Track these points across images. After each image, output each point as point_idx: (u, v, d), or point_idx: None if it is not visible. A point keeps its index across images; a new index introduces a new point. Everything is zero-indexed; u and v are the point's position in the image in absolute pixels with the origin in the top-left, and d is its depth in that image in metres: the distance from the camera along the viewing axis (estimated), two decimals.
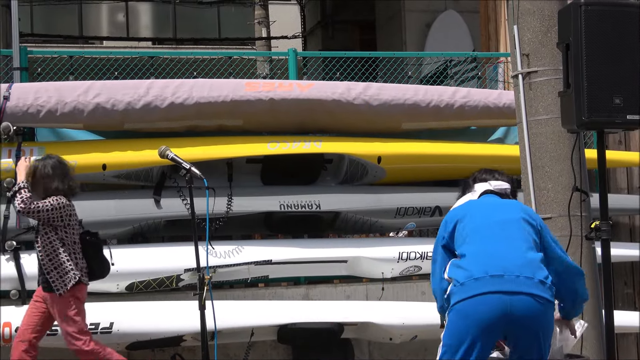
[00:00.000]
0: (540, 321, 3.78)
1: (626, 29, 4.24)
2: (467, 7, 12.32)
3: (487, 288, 3.73)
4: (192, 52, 10.27)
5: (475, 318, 3.72)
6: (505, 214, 4.00)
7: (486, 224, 3.93)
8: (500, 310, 3.71)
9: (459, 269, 3.82)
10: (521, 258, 3.85)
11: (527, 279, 3.77)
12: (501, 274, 3.75)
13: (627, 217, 7.33)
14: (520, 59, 4.97)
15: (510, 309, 3.71)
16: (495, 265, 3.78)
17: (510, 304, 3.72)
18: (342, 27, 16.78)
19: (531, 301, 3.75)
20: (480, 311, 3.71)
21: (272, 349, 6.30)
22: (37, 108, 5.71)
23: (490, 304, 3.71)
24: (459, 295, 3.76)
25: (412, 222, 6.45)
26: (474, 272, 3.77)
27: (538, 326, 3.77)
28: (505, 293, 3.73)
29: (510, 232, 3.92)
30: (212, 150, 5.97)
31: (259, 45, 16.37)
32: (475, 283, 3.74)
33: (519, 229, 3.93)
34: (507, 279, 3.75)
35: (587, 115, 4.18)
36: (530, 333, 3.76)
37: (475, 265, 3.79)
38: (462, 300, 3.74)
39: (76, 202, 5.75)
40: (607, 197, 4.39)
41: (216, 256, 5.79)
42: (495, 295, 3.72)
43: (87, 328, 5.13)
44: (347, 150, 6.21)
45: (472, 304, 3.73)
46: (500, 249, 3.86)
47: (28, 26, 18.22)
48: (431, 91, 6.43)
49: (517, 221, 3.96)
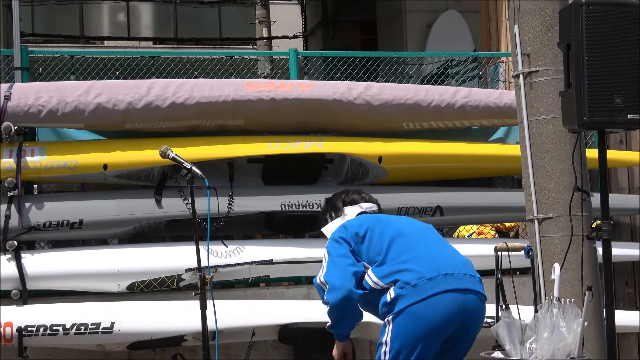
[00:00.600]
0: (481, 320, 3.82)
1: (627, 29, 4.24)
2: (468, 7, 12.34)
3: (442, 287, 3.71)
4: (193, 52, 10.28)
5: (433, 318, 3.69)
6: (417, 224, 4.04)
7: (409, 232, 3.93)
8: (457, 308, 3.72)
9: (403, 272, 3.75)
10: (459, 257, 3.91)
11: (471, 277, 3.82)
12: (451, 272, 3.75)
13: (628, 216, 7.32)
14: (521, 59, 4.97)
15: (464, 306, 3.74)
16: (443, 264, 3.78)
17: (463, 301, 3.74)
18: (343, 27, 16.80)
19: (477, 299, 3.82)
20: (439, 311, 3.69)
21: (273, 349, 6.30)
22: (38, 108, 5.71)
23: (447, 303, 3.71)
24: (412, 297, 3.70)
25: None
26: (424, 272, 3.72)
27: (479, 324, 3.82)
28: (459, 291, 3.75)
29: (435, 237, 3.99)
30: (213, 150, 5.97)
31: (260, 45, 16.38)
32: (430, 283, 3.71)
33: (439, 235, 4.02)
34: (457, 277, 3.77)
35: (588, 115, 4.17)
36: (474, 331, 3.82)
37: (423, 266, 3.75)
38: (417, 302, 3.69)
39: (77, 202, 5.79)
40: (608, 196, 4.38)
41: (217, 256, 5.80)
42: (452, 294, 3.72)
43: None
44: (348, 150, 6.21)
45: (429, 305, 3.69)
46: (437, 250, 3.89)
47: (29, 26, 18.25)
48: (432, 91, 6.43)
49: (432, 229, 4.02)
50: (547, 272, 4.77)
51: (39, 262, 5.64)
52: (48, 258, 5.70)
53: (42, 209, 5.71)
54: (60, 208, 5.78)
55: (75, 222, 5.74)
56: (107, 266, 5.70)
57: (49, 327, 5.41)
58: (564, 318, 4.03)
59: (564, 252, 4.72)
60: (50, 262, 5.67)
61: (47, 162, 5.70)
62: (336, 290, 3.85)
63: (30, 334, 5.39)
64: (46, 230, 5.71)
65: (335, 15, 16.98)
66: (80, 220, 5.75)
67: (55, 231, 5.74)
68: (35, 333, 5.40)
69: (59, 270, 5.66)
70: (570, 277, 4.74)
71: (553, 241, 4.84)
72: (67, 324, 5.43)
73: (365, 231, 3.95)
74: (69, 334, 5.43)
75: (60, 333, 5.40)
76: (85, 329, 5.44)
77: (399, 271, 3.77)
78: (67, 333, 5.42)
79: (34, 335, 5.40)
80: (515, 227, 7.79)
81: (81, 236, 6.03)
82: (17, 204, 5.63)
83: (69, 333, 5.43)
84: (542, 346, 3.99)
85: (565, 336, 3.98)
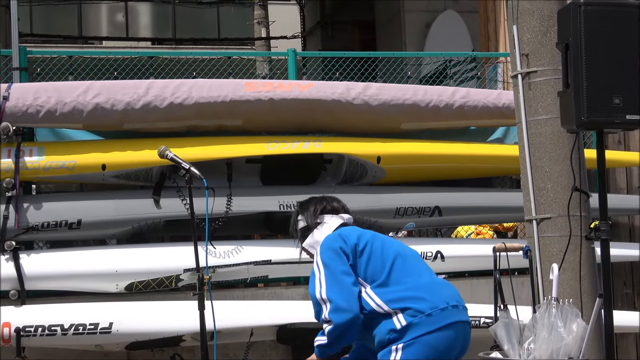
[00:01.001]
0: None
1: (626, 29, 4.24)
2: (466, 7, 12.35)
3: (452, 318, 3.72)
4: (192, 52, 10.27)
5: (444, 349, 3.69)
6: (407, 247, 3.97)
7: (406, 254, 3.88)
8: (461, 340, 3.77)
9: (414, 300, 3.69)
10: (453, 288, 3.91)
11: (464, 308, 3.87)
12: (455, 304, 3.77)
13: (627, 217, 7.33)
14: (519, 59, 4.97)
15: (464, 337, 3.80)
16: (448, 295, 3.79)
17: (464, 333, 3.79)
18: (342, 27, 16.81)
19: (469, 330, 3.86)
20: (449, 342, 3.70)
21: (272, 349, 6.30)
22: (36, 108, 5.70)
23: (457, 334, 3.73)
24: (425, 327, 3.65)
25: (412, 222, 6.44)
26: (436, 302, 3.70)
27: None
28: (462, 323, 3.79)
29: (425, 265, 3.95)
30: (212, 151, 5.96)
31: (258, 46, 16.37)
32: (442, 313, 3.69)
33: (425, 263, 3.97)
34: (460, 309, 3.80)
35: (587, 115, 4.17)
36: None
37: (433, 296, 3.73)
38: (430, 332, 3.65)
39: (75, 202, 5.78)
40: (607, 197, 4.38)
41: (216, 256, 5.79)
42: (460, 325, 3.76)
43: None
44: (347, 150, 6.21)
45: (442, 336, 3.67)
46: (436, 279, 3.90)
47: (27, 26, 18.23)
48: (430, 91, 6.43)
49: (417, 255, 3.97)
50: (545, 272, 4.77)
51: (37, 263, 5.64)
52: (46, 258, 5.70)
53: (40, 209, 5.71)
54: (59, 208, 5.78)
55: (73, 223, 5.74)
56: (105, 266, 5.70)
57: (47, 327, 5.41)
58: (562, 318, 4.03)
59: (562, 253, 4.72)
60: (48, 262, 5.67)
61: (45, 163, 5.69)
62: (343, 312, 3.69)
63: (29, 335, 5.39)
64: (44, 231, 5.70)
65: (333, 15, 17.00)
66: (78, 220, 5.74)
67: (53, 231, 5.73)
68: (33, 333, 5.39)
69: (57, 270, 5.66)
70: (568, 278, 4.74)
71: (551, 241, 4.84)
72: (65, 324, 5.43)
73: (365, 245, 3.83)
74: (67, 335, 5.43)
75: (58, 333, 5.40)
76: (84, 330, 5.44)
77: (410, 298, 3.69)
78: (65, 333, 5.42)
79: (32, 335, 5.39)
80: (513, 228, 7.80)
81: (79, 236, 6.02)
82: (15, 205, 5.62)
83: (67, 333, 5.42)
84: (540, 346, 3.99)
85: (564, 336, 3.98)
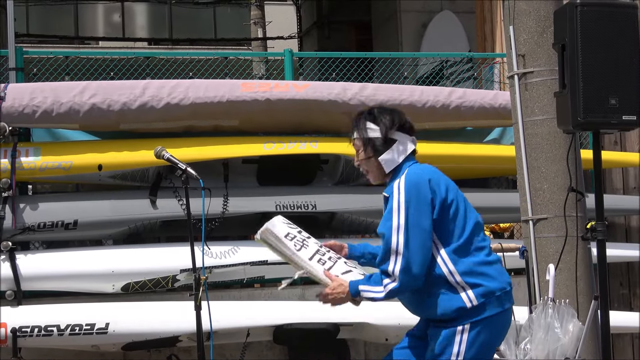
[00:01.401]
0: None
1: (622, 30, 4.25)
2: (463, 7, 12.36)
3: (511, 301, 3.54)
4: (188, 53, 10.28)
5: (503, 332, 3.55)
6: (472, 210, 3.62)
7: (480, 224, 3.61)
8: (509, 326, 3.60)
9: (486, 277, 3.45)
10: None
11: None
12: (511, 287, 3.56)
13: (623, 217, 7.34)
14: (516, 60, 4.97)
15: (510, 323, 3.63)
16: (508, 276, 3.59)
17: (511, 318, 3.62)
18: (338, 27, 16.80)
19: None
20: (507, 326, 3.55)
21: (268, 350, 6.30)
22: (32, 108, 5.70)
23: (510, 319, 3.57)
24: (493, 308, 3.44)
25: None
26: (502, 283, 3.49)
27: None
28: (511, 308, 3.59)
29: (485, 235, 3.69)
30: (208, 151, 5.96)
31: (255, 46, 16.36)
32: (506, 296, 3.49)
33: None
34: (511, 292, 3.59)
35: (583, 116, 4.18)
36: None
37: (500, 275, 3.51)
38: (496, 315, 3.46)
39: (72, 202, 5.77)
40: (603, 197, 4.39)
41: (212, 257, 5.79)
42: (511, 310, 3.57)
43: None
44: (343, 150, 6.19)
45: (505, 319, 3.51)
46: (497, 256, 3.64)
47: (24, 26, 18.20)
48: (427, 92, 6.43)
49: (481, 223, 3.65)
50: (541, 272, 4.78)
51: (33, 263, 5.64)
52: (42, 259, 5.69)
53: (36, 209, 5.71)
54: (55, 209, 5.77)
55: (69, 223, 5.74)
56: (101, 267, 5.69)
57: (44, 327, 5.40)
58: (559, 319, 4.04)
59: (558, 253, 4.73)
60: (44, 262, 5.67)
61: (41, 163, 5.69)
62: (414, 278, 3.41)
63: (25, 335, 5.38)
64: (41, 231, 5.70)
65: (330, 15, 16.99)
66: (74, 220, 5.74)
67: (49, 232, 5.73)
68: (29, 334, 5.38)
69: (54, 271, 5.65)
70: (564, 278, 4.75)
71: (548, 242, 4.85)
72: (61, 324, 5.42)
73: (452, 201, 3.48)
74: (63, 335, 5.42)
75: (54, 334, 5.39)
76: (80, 330, 5.43)
77: (483, 274, 3.45)
78: (61, 334, 5.41)
79: (28, 336, 5.38)
80: (510, 228, 7.80)
81: (76, 237, 6.02)
82: (12, 205, 5.62)
83: (63, 334, 5.42)
84: (536, 347, 4.00)
85: (560, 337, 3.98)
